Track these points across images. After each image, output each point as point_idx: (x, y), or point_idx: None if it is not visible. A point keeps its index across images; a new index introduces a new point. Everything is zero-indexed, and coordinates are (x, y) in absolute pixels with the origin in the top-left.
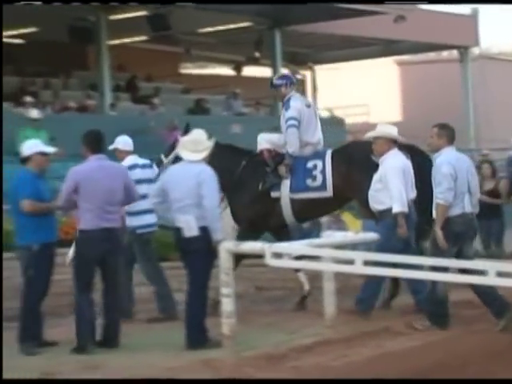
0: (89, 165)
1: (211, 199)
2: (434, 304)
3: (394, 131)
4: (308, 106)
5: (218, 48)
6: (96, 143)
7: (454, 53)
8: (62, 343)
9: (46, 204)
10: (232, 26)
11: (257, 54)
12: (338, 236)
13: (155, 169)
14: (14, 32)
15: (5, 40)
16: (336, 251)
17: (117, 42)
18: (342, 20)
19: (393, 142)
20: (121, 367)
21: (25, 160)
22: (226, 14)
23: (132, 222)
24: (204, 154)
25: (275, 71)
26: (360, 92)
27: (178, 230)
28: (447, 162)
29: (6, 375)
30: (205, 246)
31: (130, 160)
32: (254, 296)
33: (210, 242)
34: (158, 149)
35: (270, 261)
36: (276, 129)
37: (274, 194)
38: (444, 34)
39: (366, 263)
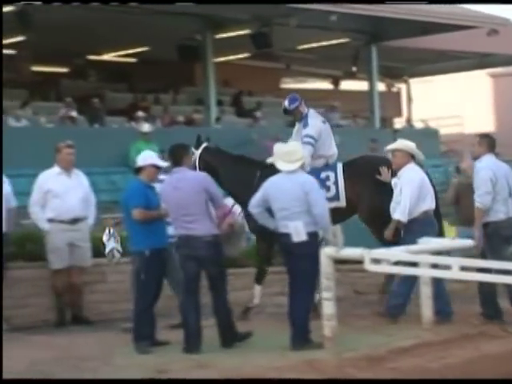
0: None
1: (321, 207)
2: None
3: (412, 146)
4: (324, 122)
5: (316, 63)
6: (178, 157)
7: None
8: (175, 343)
9: (155, 212)
10: (330, 43)
11: (354, 69)
12: (435, 242)
13: None
14: (128, 51)
15: (119, 59)
16: (433, 257)
17: (222, 59)
18: (435, 35)
19: (411, 156)
20: (228, 367)
21: (138, 170)
22: (324, 32)
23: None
24: (298, 164)
25: (372, 85)
26: (453, 103)
27: (284, 236)
28: (487, 167)
29: (122, 373)
30: (312, 251)
31: None
32: (354, 300)
33: (316, 247)
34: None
35: (369, 266)
36: (374, 141)
37: None
38: None
39: (463, 269)
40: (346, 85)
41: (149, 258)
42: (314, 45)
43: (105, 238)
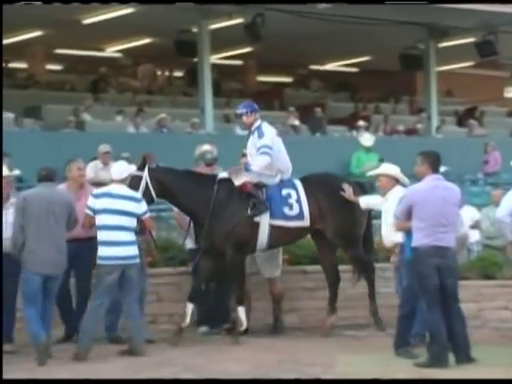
0: (425, 184)
1: None
2: None
3: (396, 170)
4: (277, 134)
5: None
6: (437, 163)
7: None
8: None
9: None
10: None
11: None
12: None
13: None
14: (350, 61)
15: (342, 69)
16: None
17: (444, 68)
18: None
19: (395, 180)
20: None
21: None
22: None
23: None
24: None
25: None
26: None
27: None
28: None
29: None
30: None
31: None
32: None
33: None
34: None
35: None
36: None
37: (256, 219)
38: None
39: None
40: None
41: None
42: None
43: None
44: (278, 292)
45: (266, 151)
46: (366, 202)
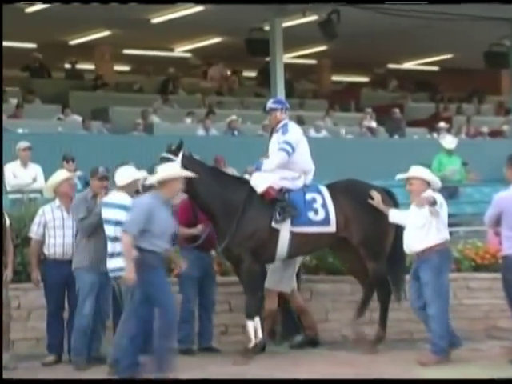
0: None
1: None
2: None
3: (427, 173)
4: (303, 135)
5: None
6: None
7: None
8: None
9: None
10: None
11: None
12: None
13: None
14: (430, 59)
15: (421, 67)
16: None
17: None
18: None
19: (427, 184)
20: None
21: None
22: None
23: None
24: None
25: None
26: None
27: None
28: None
29: None
30: None
31: None
32: None
33: None
34: None
35: None
36: None
37: (274, 225)
38: None
39: None
40: None
41: None
42: None
43: None
44: (297, 305)
45: (285, 148)
46: (393, 217)
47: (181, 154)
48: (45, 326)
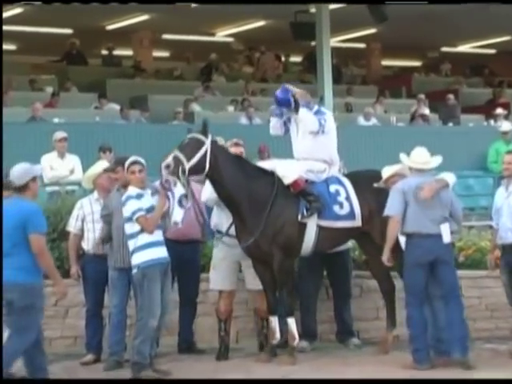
0: None
1: None
2: None
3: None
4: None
5: None
6: None
7: None
8: None
9: None
10: None
11: None
12: None
13: None
14: (486, 42)
15: (477, 50)
16: None
17: None
18: None
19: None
20: None
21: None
22: None
23: None
24: None
25: None
26: None
27: None
28: None
29: None
30: None
31: None
32: None
33: None
34: None
35: None
36: None
37: (302, 220)
38: None
39: None
40: None
41: None
42: None
43: None
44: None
45: (321, 121)
46: None
47: (210, 137)
48: (83, 324)
